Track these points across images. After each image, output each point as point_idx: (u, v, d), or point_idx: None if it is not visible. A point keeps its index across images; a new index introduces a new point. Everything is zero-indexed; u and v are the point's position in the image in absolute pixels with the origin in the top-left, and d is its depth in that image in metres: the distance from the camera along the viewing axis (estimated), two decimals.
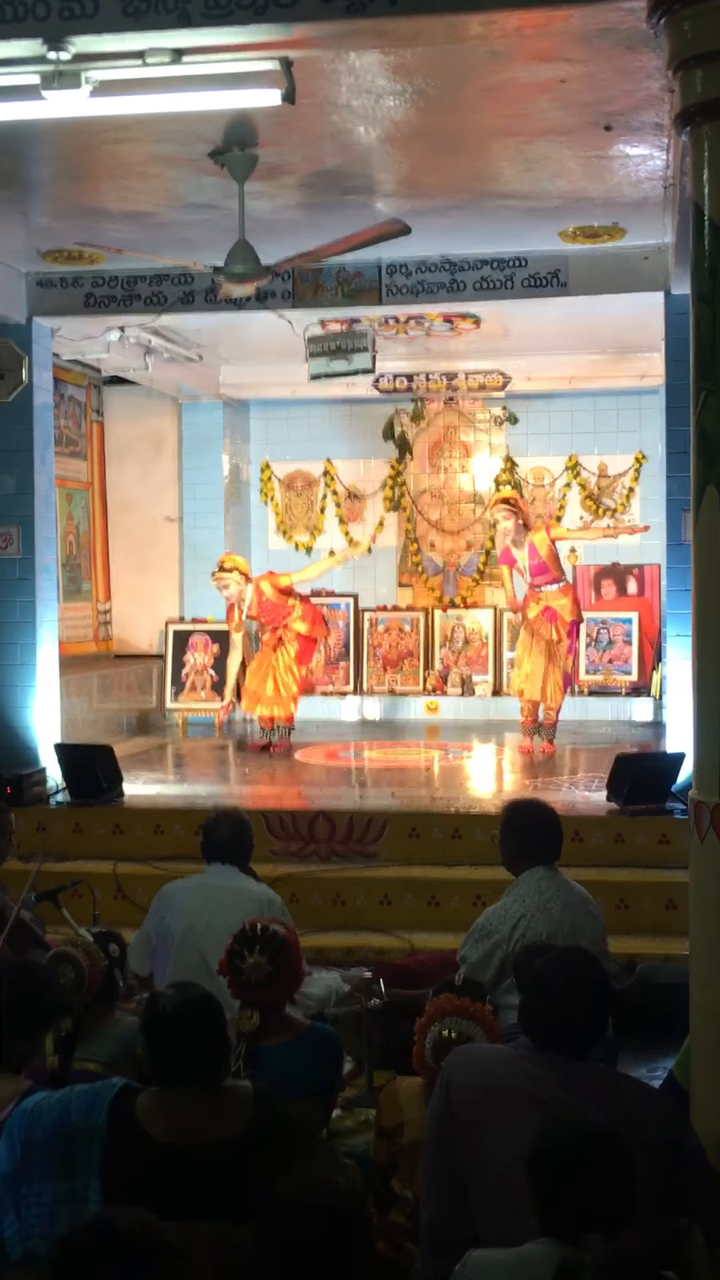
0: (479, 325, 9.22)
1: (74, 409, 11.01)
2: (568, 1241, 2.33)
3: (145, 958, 4.86)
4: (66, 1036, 3.62)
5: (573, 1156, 2.41)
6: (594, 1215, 2.36)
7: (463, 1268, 2.46)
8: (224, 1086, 2.96)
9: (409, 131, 5.60)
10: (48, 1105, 2.87)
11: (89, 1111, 2.84)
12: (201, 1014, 2.97)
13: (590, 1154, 2.41)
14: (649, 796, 7.05)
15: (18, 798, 7.37)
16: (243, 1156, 2.81)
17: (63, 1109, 2.85)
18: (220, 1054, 2.98)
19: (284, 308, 7.89)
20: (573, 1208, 2.38)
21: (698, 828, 3.66)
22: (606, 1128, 2.47)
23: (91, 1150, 2.79)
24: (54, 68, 4.38)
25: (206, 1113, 2.87)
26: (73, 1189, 2.76)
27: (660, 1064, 4.65)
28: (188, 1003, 2.99)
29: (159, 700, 11.14)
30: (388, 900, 6.75)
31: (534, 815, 4.65)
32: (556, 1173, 2.41)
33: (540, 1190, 2.42)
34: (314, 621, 9.59)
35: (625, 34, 4.48)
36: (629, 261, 7.47)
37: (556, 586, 9.13)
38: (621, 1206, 2.39)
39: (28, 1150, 2.81)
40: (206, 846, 4.99)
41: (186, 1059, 2.90)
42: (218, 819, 5.05)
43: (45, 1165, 2.79)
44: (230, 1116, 2.88)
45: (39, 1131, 2.82)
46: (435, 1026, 3.39)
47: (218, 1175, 2.78)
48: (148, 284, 7.91)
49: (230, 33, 4.26)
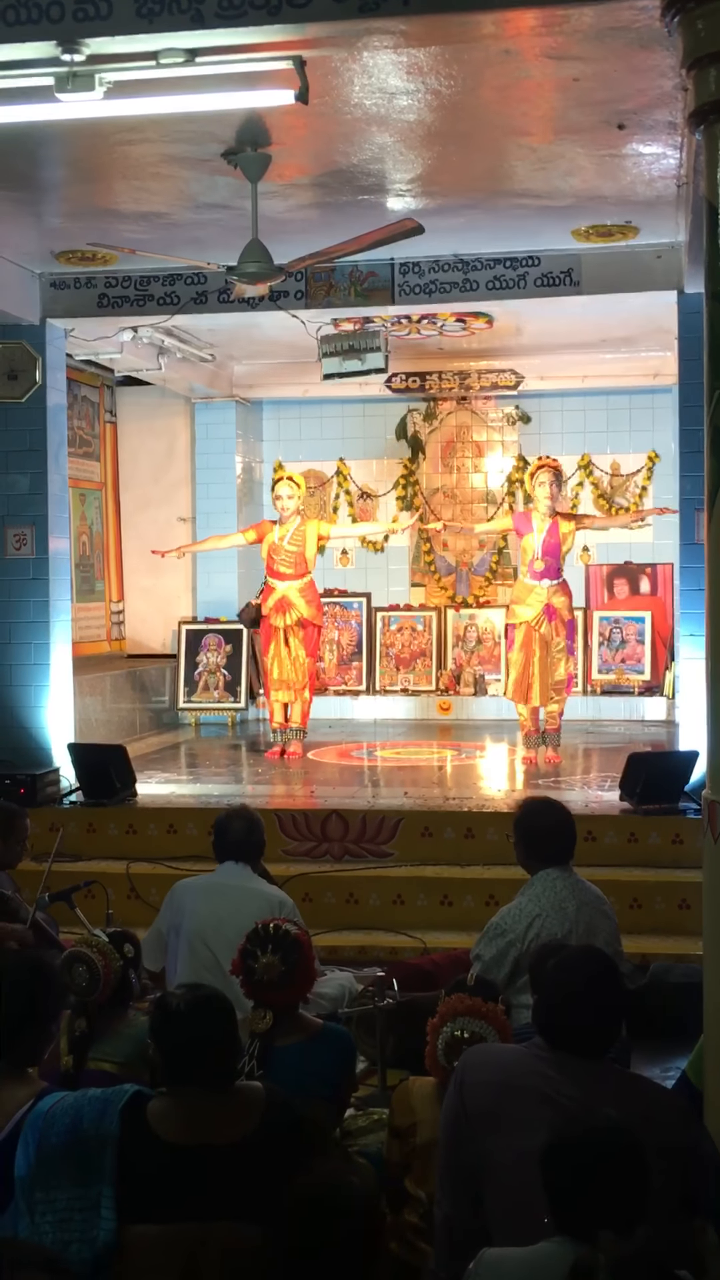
0: (492, 324, 9.22)
1: (87, 409, 11.03)
2: (581, 1240, 2.33)
3: (158, 953, 4.88)
4: (81, 1036, 3.63)
5: (586, 1153, 2.41)
6: (607, 1213, 2.36)
7: (477, 1266, 2.46)
8: (236, 1087, 2.97)
9: (422, 131, 5.60)
10: (60, 1111, 2.88)
11: (100, 1118, 2.84)
12: (211, 1014, 2.97)
13: (603, 1151, 2.41)
14: (662, 796, 7.04)
15: (31, 798, 7.38)
16: (255, 1156, 2.81)
17: (74, 1115, 2.86)
18: (231, 1054, 2.99)
19: (297, 307, 7.90)
20: (586, 1205, 2.38)
21: (711, 827, 3.66)
22: (620, 1125, 2.47)
23: (104, 1157, 2.80)
24: (68, 69, 4.40)
25: (219, 1113, 2.87)
26: (85, 1195, 2.77)
27: (673, 1064, 4.65)
28: (197, 1002, 2.99)
29: (172, 700, 11.15)
30: (400, 900, 6.75)
31: (547, 815, 4.64)
32: (570, 1170, 2.41)
33: (553, 1188, 2.42)
34: (318, 608, 9.43)
35: (638, 32, 4.48)
36: (642, 260, 7.46)
37: (556, 582, 8.87)
38: (634, 1204, 2.38)
39: (41, 1156, 2.82)
40: (218, 845, 5.02)
41: (197, 1059, 2.90)
42: (229, 817, 5.07)
43: (58, 1171, 2.80)
44: (243, 1117, 2.88)
45: (52, 1137, 2.83)
46: (448, 1026, 3.39)
47: (231, 1175, 2.79)
48: (161, 284, 7.93)
49: (244, 33, 4.27)
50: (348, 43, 4.52)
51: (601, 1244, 2.23)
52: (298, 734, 9.41)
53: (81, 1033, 3.64)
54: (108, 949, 3.85)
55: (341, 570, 11.90)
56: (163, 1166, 2.79)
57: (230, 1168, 2.79)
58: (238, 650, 11.01)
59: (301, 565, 9.21)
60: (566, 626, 8.97)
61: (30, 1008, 3.19)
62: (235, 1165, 2.79)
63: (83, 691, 9.03)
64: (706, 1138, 2.97)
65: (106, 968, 3.80)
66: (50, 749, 8.00)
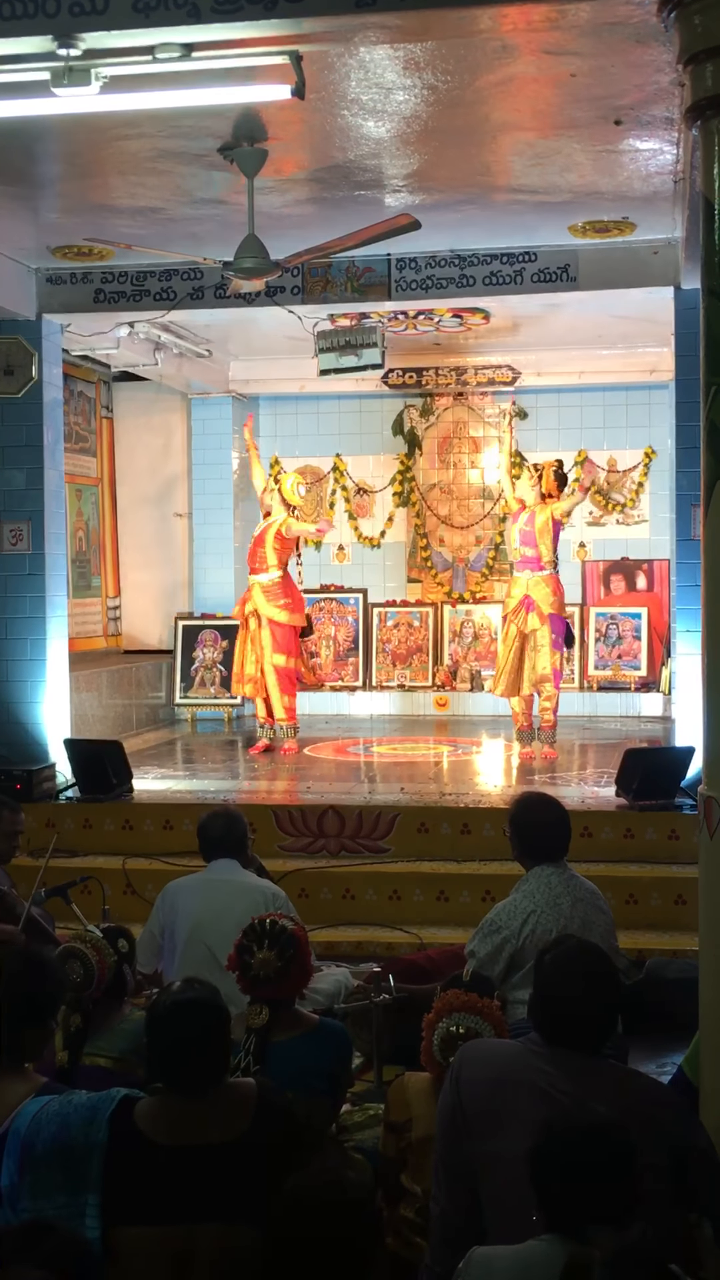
0: (488, 320, 9.22)
1: (84, 405, 11.02)
2: (571, 1236, 2.33)
3: (151, 955, 4.90)
4: (76, 1032, 3.63)
5: (573, 1150, 2.41)
6: (596, 1209, 2.35)
7: (466, 1265, 2.45)
8: (227, 1085, 2.94)
9: (418, 126, 5.59)
10: (47, 1117, 2.85)
11: (88, 1126, 2.81)
12: (198, 1016, 2.92)
13: (590, 1147, 2.41)
14: (658, 792, 7.05)
15: (27, 793, 7.38)
16: (247, 1155, 2.79)
17: (61, 1122, 2.83)
18: (219, 1056, 2.93)
19: (293, 303, 7.89)
20: (574, 1202, 2.37)
21: (707, 823, 3.67)
22: (607, 1121, 2.46)
23: (90, 1165, 2.77)
24: (64, 64, 4.39)
25: (209, 1113, 2.85)
26: (71, 1204, 2.74)
27: (669, 1059, 4.65)
28: (184, 1005, 2.94)
29: (168, 695, 11.15)
30: (397, 895, 6.76)
31: (542, 811, 4.64)
32: (557, 1167, 2.41)
33: (542, 1184, 2.42)
34: (294, 610, 9.35)
35: (635, 28, 4.48)
36: (639, 256, 7.46)
37: (540, 574, 8.81)
38: (623, 1199, 2.38)
39: (25, 1163, 2.80)
40: (203, 846, 5.11)
41: (183, 1062, 2.87)
42: (208, 819, 5.16)
43: (44, 1180, 2.78)
44: (234, 1116, 2.86)
45: (39, 1145, 2.80)
46: (443, 1022, 3.39)
47: (222, 1175, 2.77)
48: (157, 280, 7.92)
49: (240, 27, 4.27)
50: (344, 38, 4.52)
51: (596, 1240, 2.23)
52: (288, 731, 9.39)
53: (77, 1028, 3.64)
54: (102, 945, 3.85)
55: (338, 566, 11.91)
56: (153, 1168, 2.77)
57: (221, 1167, 2.77)
58: (234, 646, 10.99)
59: (262, 560, 9.28)
60: (549, 620, 8.80)
61: (29, 1004, 3.19)
62: (226, 1165, 2.77)
63: (79, 687, 9.03)
64: (702, 1133, 2.97)
65: (101, 963, 3.81)
66: (46, 744, 8.00)
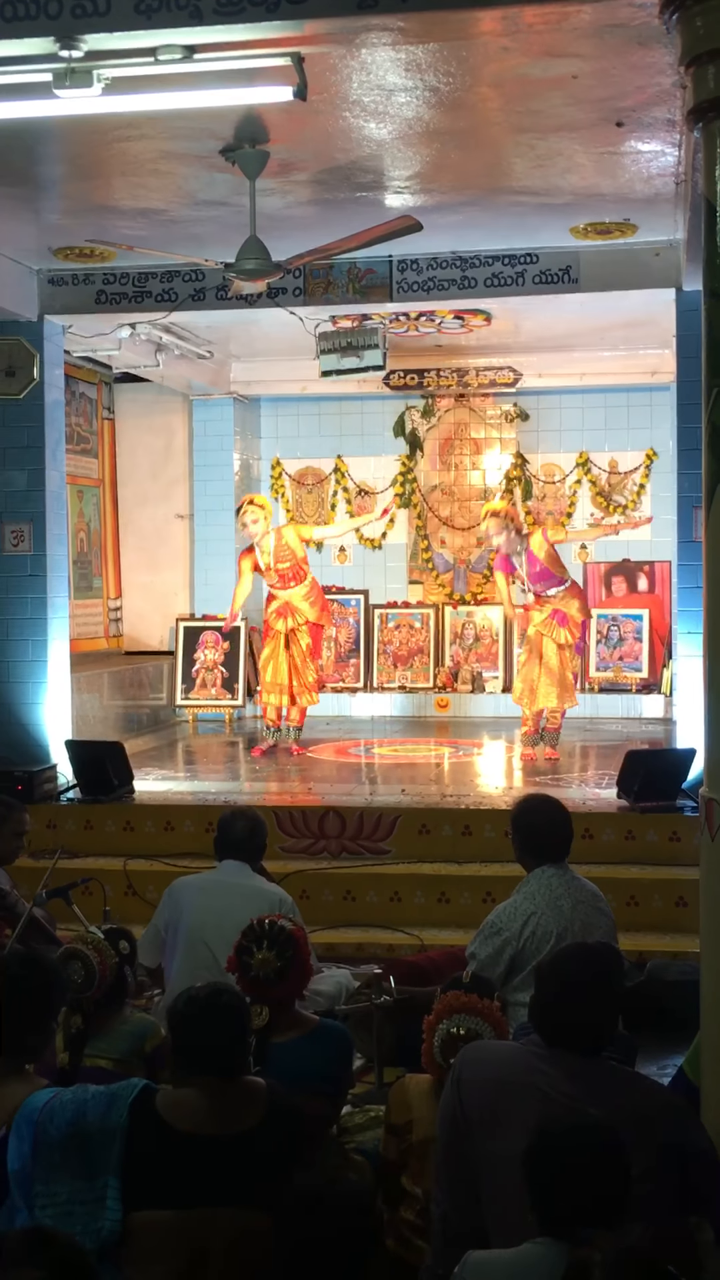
0: (490, 322, 9.21)
1: (85, 406, 11.02)
2: (565, 1239, 2.32)
3: (155, 949, 4.88)
4: (77, 1033, 3.63)
5: (564, 1152, 2.41)
6: (588, 1211, 2.35)
7: (462, 1269, 2.46)
8: (243, 1080, 3.04)
9: (420, 128, 5.60)
10: (59, 1105, 2.91)
11: (108, 1111, 2.89)
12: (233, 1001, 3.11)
13: (580, 1149, 2.41)
14: (659, 793, 7.05)
15: (29, 794, 7.38)
16: (260, 1147, 2.89)
17: (77, 1109, 2.89)
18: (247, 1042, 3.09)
19: (295, 304, 7.89)
20: (566, 1204, 2.38)
21: (708, 825, 3.66)
22: (600, 1123, 2.46)
23: (110, 1149, 2.85)
24: (66, 65, 4.39)
25: (228, 1104, 2.95)
26: (90, 1188, 2.82)
27: (670, 1061, 4.65)
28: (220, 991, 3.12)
29: (170, 697, 11.15)
30: (398, 897, 6.75)
31: (543, 813, 4.64)
32: (549, 1169, 2.41)
33: (535, 1186, 2.42)
34: (323, 607, 9.49)
35: (637, 30, 4.48)
36: (640, 257, 7.46)
37: (563, 588, 8.92)
38: (615, 1201, 2.38)
39: (39, 1148, 2.84)
40: (220, 842, 5.03)
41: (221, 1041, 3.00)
42: (233, 816, 5.08)
43: (58, 1164, 2.84)
44: (248, 1109, 2.96)
45: (51, 1130, 2.86)
46: (444, 1024, 3.39)
47: (237, 1165, 2.86)
48: (159, 281, 7.92)
49: (242, 29, 4.27)
50: (346, 39, 4.52)
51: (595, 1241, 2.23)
52: (294, 733, 9.43)
53: (77, 1030, 3.64)
54: (103, 946, 3.85)
55: (339, 567, 11.90)
56: (172, 1155, 2.86)
57: (237, 1157, 2.87)
58: (235, 647, 11.00)
59: (299, 572, 9.26)
60: (580, 627, 9.05)
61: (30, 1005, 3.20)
62: (242, 1155, 2.87)
63: (80, 688, 9.03)
64: (703, 1134, 2.97)
65: (102, 965, 3.81)
66: (48, 745, 8.00)
